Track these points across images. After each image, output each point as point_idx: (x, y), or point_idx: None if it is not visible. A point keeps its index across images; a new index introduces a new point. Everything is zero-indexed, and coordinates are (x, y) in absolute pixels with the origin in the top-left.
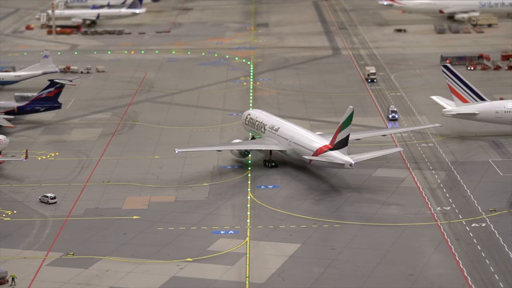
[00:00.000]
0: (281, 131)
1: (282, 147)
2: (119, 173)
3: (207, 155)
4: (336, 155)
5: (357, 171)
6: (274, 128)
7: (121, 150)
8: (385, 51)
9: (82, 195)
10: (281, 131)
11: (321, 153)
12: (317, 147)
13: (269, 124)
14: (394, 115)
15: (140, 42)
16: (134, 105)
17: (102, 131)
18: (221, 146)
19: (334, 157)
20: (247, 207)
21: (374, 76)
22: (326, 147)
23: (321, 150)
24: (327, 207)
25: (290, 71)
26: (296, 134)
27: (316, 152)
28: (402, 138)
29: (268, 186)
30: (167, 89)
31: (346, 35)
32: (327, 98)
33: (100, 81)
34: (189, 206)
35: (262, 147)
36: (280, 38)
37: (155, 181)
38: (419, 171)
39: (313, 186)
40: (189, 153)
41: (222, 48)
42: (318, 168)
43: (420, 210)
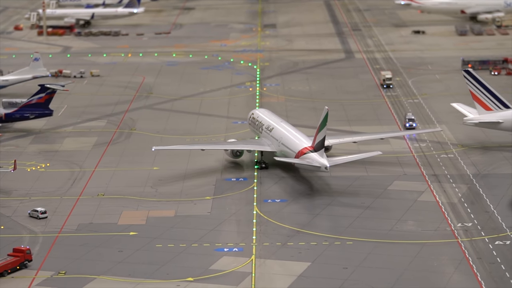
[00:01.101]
0: (274, 132)
1: (273, 149)
2: (115, 186)
3: (210, 167)
4: (314, 157)
5: (371, 184)
6: (269, 128)
7: (117, 161)
8: (402, 55)
9: (74, 209)
10: (274, 132)
11: (301, 155)
12: (299, 149)
13: (265, 124)
14: (412, 123)
15: (138, 44)
16: (131, 112)
17: (97, 140)
18: (206, 145)
19: (312, 159)
20: (253, 223)
21: (390, 81)
22: (306, 149)
23: (301, 152)
24: (339, 222)
25: (300, 76)
26: (285, 135)
27: (298, 154)
28: (420, 149)
29: (276, 200)
30: (166, 95)
31: (360, 37)
32: (339, 105)
33: (95, 86)
34: (190, 222)
35: (250, 147)
36: (289, 40)
37: (154, 195)
38: (438, 184)
39: (324, 200)
40: (191, 165)
41: (226, 50)
42: (330, 180)
43: (440, 226)
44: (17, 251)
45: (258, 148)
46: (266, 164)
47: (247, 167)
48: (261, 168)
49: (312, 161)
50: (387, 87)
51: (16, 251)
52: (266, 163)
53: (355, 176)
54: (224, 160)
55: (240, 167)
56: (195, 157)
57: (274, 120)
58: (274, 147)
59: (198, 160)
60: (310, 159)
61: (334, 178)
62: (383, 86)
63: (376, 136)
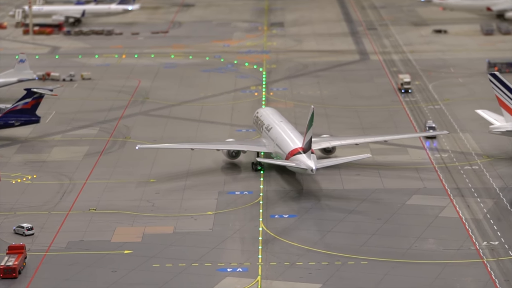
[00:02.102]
0: (271, 132)
1: (269, 149)
2: (108, 200)
3: (212, 179)
4: (301, 159)
5: (388, 198)
6: (268, 128)
7: (110, 172)
8: (421, 56)
9: (64, 225)
10: (272, 131)
11: (291, 156)
12: (289, 150)
13: (266, 123)
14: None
15: (133, 44)
16: (126, 118)
17: (88, 149)
18: (196, 145)
19: (299, 161)
20: (259, 240)
21: (408, 85)
22: (295, 150)
23: (291, 154)
24: (353, 240)
25: (310, 80)
26: (280, 136)
27: (288, 155)
28: (441, 159)
29: (283, 215)
30: (164, 100)
31: (376, 37)
32: (353, 111)
33: (86, 90)
34: (190, 239)
35: (244, 147)
36: (298, 41)
37: (150, 209)
38: (461, 199)
39: (337, 215)
40: (190, 177)
41: (230, 51)
42: (343, 194)
43: (463, 245)
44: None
45: (253, 148)
46: (261, 165)
47: (252, 179)
48: (255, 170)
49: (300, 163)
50: (405, 91)
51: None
52: (261, 165)
53: (370, 189)
54: (227, 173)
55: (245, 179)
56: (195, 168)
57: (275, 119)
58: (270, 147)
59: (198, 172)
60: (298, 161)
61: (348, 191)
62: (401, 91)
63: (380, 138)
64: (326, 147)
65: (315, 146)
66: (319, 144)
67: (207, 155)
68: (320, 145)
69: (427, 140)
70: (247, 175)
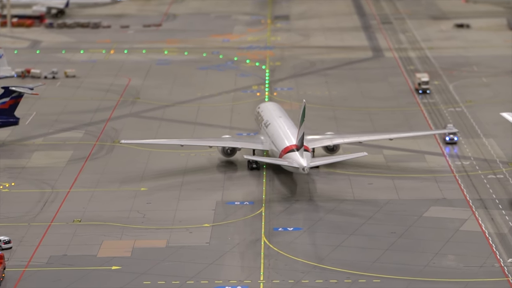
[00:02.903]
0: (269, 128)
1: (265, 147)
2: (94, 210)
3: (209, 188)
4: (294, 157)
5: (403, 210)
6: (266, 124)
7: (97, 180)
8: (441, 53)
9: (45, 238)
10: (270, 128)
11: (284, 154)
12: (282, 147)
13: (265, 119)
14: (453, 137)
15: (123, 38)
16: (114, 120)
17: (72, 154)
18: (186, 141)
19: (292, 159)
20: (260, 256)
21: (426, 85)
22: (288, 148)
23: (284, 151)
24: (364, 256)
25: (317, 79)
26: (276, 132)
27: (281, 153)
28: (462, 167)
29: (288, 228)
30: (157, 101)
31: (391, 32)
32: (365, 114)
33: (70, 89)
34: (185, 254)
35: (239, 144)
36: (305, 35)
37: (141, 221)
38: (484, 211)
39: (347, 228)
40: (186, 186)
41: (229, 47)
42: (354, 205)
43: (486, 261)
44: None
45: (249, 146)
46: (257, 164)
47: (253, 188)
48: (251, 168)
49: (292, 161)
50: (423, 92)
51: None
52: (257, 164)
53: (383, 200)
54: (226, 179)
55: (245, 187)
56: (191, 175)
57: (275, 114)
58: (267, 145)
59: (194, 179)
60: (290, 159)
61: (359, 202)
62: (419, 92)
63: (385, 136)
64: (327, 145)
65: (316, 144)
66: (321, 142)
67: (206, 162)
68: (322, 143)
69: (447, 146)
70: (248, 183)
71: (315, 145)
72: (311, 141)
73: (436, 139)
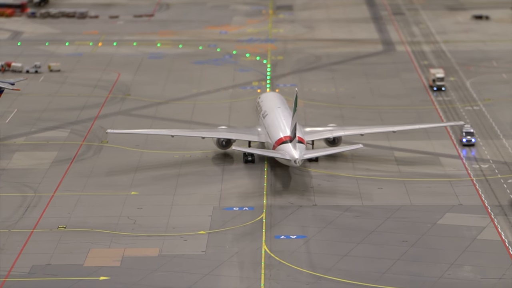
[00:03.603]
0: (266, 119)
1: (262, 139)
2: (81, 216)
3: (205, 192)
4: (286, 149)
5: (416, 216)
6: (264, 115)
7: (83, 183)
8: (458, 47)
9: (27, 246)
10: (267, 119)
11: (278, 145)
12: (276, 139)
13: (264, 109)
14: (470, 138)
15: (111, 29)
16: (102, 119)
17: (57, 155)
18: (177, 132)
19: (284, 151)
20: (261, 266)
21: (442, 82)
22: (281, 140)
23: (278, 143)
24: (373, 266)
25: (323, 74)
26: (272, 123)
27: (275, 145)
28: (480, 171)
29: (291, 236)
30: (148, 97)
31: (403, 24)
32: (375, 112)
33: (54, 85)
34: (179, 263)
35: (233, 136)
36: (309, 27)
37: (132, 227)
38: (504, 218)
39: (354, 236)
40: (180, 189)
41: (228, 40)
42: (363, 210)
43: (505, 273)
44: None
45: (244, 137)
46: (252, 157)
47: (253, 191)
48: (245, 161)
49: (284, 153)
50: (438, 89)
51: None
52: (252, 156)
53: (395, 205)
54: (223, 182)
55: (245, 190)
56: (186, 179)
57: (274, 105)
58: (263, 136)
59: (189, 182)
60: (283, 151)
61: (368, 208)
62: (433, 89)
63: (388, 129)
64: (327, 137)
65: (316, 137)
66: (321, 134)
67: (202, 164)
68: (322, 135)
69: (464, 148)
70: (247, 187)
71: (315, 137)
72: (311, 133)
73: (452, 140)
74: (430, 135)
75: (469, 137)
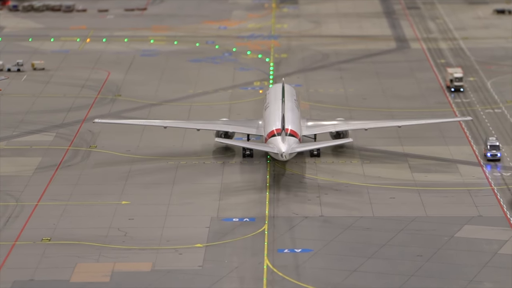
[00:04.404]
0: (266, 112)
1: (260, 132)
2: (67, 227)
3: (202, 201)
4: (275, 142)
5: (432, 229)
6: (266, 107)
7: (70, 192)
8: (478, 44)
9: (8, 259)
10: (267, 111)
11: (269, 138)
12: (268, 132)
13: (267, 102)
14: (495, 152)
15: (101, 24)
16: (91, 122)
17: (41, 161)
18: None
19: (273, 144)
20: (263, 282)
21: (460, 82)
22: (271, 133)
23: (269, 136)
24: (385, 283)
25: (331, 74)
26: (269, 116)
27: (266, 138)
28: (502, 179)
29: (295, 249)
30: (140, 99)
31: (418, 19)
32: (388, 115)
33: (38, 85)
34: (174, 279)
35: (231, 128)
36: (316, 22)
37: (122, 240)
38: None
39: (364, 250)
40: (175, 198)
41: (227, 36)
42: (374, 222)
43: None
44: None
45: (242, 130)
46: (250, 151)
47: (254, 200)
48: (244, 155)
49: (273, 147)
50: (456, 90)
51: None
52: (251, 151)
53: (408, 217)
54: (221, 191)
55: (245, 200)
56: (181, 186)
57: (278, 97)
58: (261, 129)
59: (185, 191)
60: (272, 144)
61: (379, 219)
62: (451, 89)
63: (394, 123)
64: (330, 131)
65: (319, 131)
66: (324, 128)
67: (199, 172)
68: (325, 129)
69: (488, 163)
70: (248, 195)
71: (318, 131)
72: (314, 127)
73: (473, 150)
74: (447, 140)
75: (494, 151)
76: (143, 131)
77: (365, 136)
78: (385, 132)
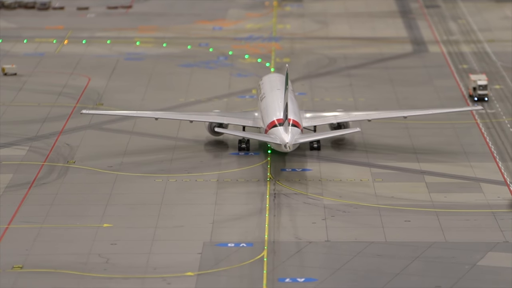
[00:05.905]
0: (263, 102)
1: (257, 123)
2: (41, 253)
3: (193, 223)
4: (277, 132)
5: (452, 256)
6: (262, 98)
7: (45, 213)
8: (505, 47)
9: None
10: (263, 101)
11: (269, 129)
12: (268, 122)
13: (262, 92)
14: None
15: (80, 24)
16: (68, 134)
17: (12, 178)
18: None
19: (275, 135)
20: None
21: (484, 90)
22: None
23: (269, 127)
24: None
25: (339, 81)
26: (267, 106)
27: (267, 129)
28: None
29: (298, 279)
30: (125, 107)
31: (438, 19)
32: (402, 128)
33: (9, 92)
34: None
35: (225, 120)
36: (322, 22)
37: (104, 268)
38: None
39: (376, 280)
40: (162, 220)
41: (222, 37)
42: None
43: None
44: None
45: (237, 121)
46: (246, 145)
47: (253, 223)
48: (239, 149)
49: (275, 137)
50: (479, 99)
51: None
52: (247, 144)
53: (425, 242)
54: (215, 213)
55: (243, 223)
56: (169, 208)
57: (274, 86)
58: (258, 121)
59: (174, 213)
60: (274, 135)
61: (393, 245)
62: (474, 99)
63: (398, 113)
64: (331, 123)
65: (320, 122)
66: (324, 120)
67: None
68: (325, 121)
69: None
70: (245, 216)
71: (317, 123)
72: (313, 119)
73: (498, 167)
74: (469, 157)
75: None
76: (127, 144)
77: (377, 151)
78: (399, 147)
